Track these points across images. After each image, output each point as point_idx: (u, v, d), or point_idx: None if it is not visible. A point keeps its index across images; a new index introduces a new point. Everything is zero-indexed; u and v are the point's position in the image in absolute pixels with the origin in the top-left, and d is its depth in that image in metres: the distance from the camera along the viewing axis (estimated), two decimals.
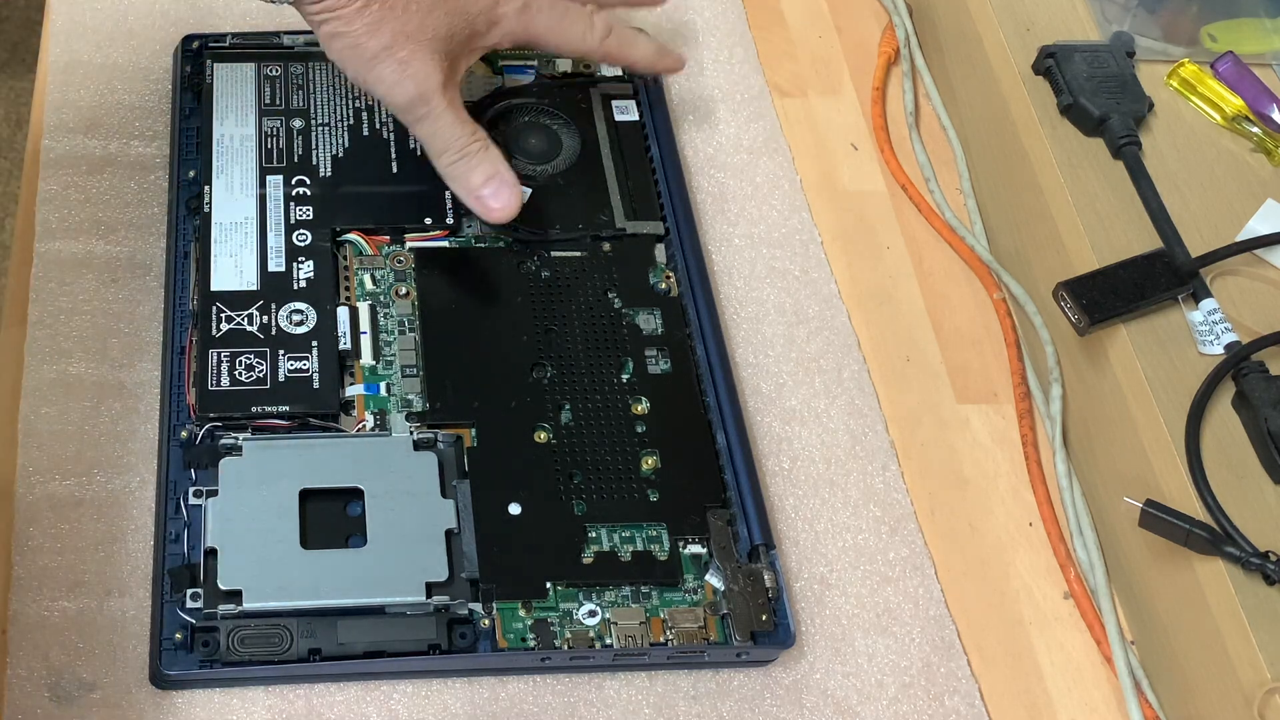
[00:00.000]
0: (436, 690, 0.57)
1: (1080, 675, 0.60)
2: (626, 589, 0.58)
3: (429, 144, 0.64)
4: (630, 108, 0.73)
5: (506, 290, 0.66)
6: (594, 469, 0.61)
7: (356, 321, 0.64)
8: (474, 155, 0.63)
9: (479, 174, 0.64)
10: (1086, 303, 0.63)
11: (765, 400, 0.66)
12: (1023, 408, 0.67)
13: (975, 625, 0.61)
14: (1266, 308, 0.64)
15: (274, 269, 0.64)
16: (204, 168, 0.67)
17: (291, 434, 0.60)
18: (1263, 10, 0.75)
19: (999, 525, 0.64)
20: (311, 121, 0.69)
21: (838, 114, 0.77)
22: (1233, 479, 0.58)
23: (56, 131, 0.70)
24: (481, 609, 0.57)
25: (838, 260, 0.72)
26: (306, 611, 0.55)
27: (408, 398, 0.62)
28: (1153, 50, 0.74)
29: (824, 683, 0.59)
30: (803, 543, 0.62)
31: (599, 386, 0.63)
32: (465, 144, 0.63)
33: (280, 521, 0.57)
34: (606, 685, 0.57)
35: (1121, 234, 0.66)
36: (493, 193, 0.64)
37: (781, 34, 0.81)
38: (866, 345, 0.69)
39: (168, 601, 0.55)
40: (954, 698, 0.59)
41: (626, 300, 0.66)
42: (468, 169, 0.64)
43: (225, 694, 0.55)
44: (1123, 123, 0.69)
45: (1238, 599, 0.55)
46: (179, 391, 0.61)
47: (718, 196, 0.73)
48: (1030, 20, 0.74)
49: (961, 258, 0.72)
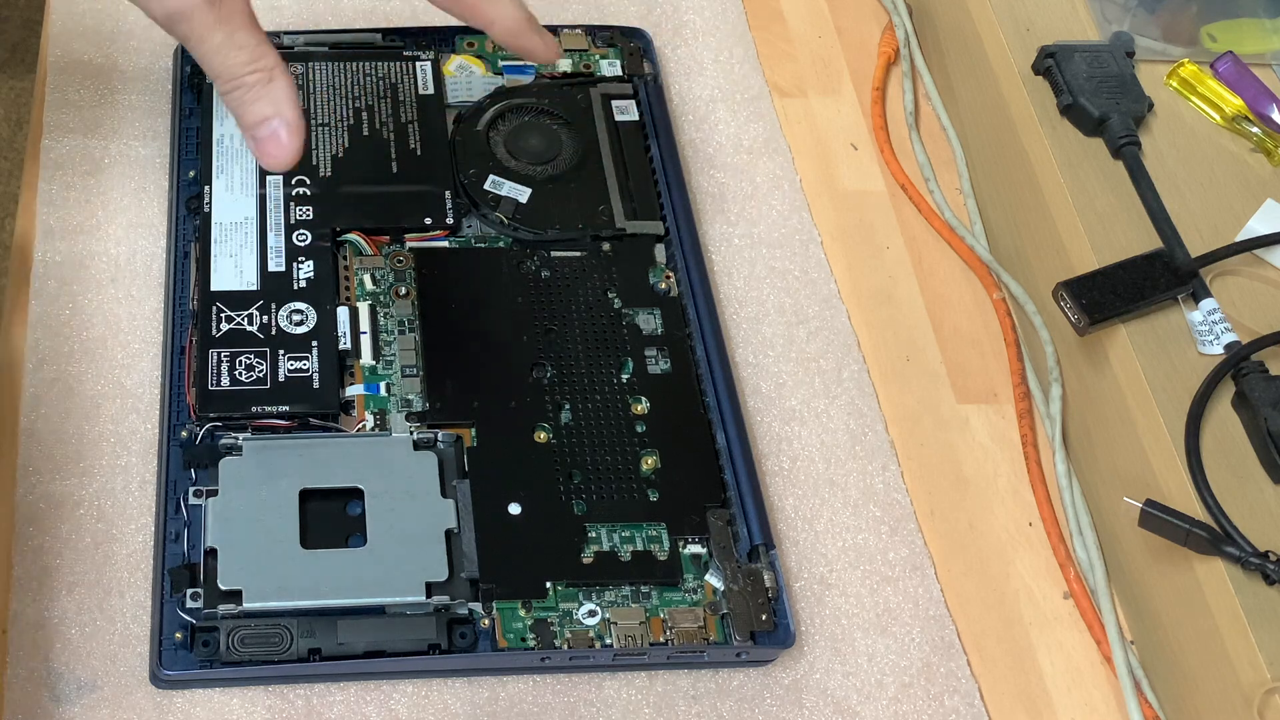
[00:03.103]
0: (436, 690, 0.57)
1: (1080, 675, 0.61)
2: (626, 589, 0.58)
3: (206, 68, 0.55)
4: (630, 108, 0.73)
5: (506, 290, 0.66)
6: (594, 469, 0.61)
7: (356, 321, 0.64)
8: (249, 88, 0.54)
9: (252, 111, 0.54)
10: (1086, 303, 0.63)
11: (765, 400, 0.66)
12: (1022, 408, 0.67)
13: (975, 625, 0.61)
14: (1266, 308, 0.64)
15: (274, 269, 0.64)
16: (204, 168, 0.67)
17: (291, 434, 0.60)
18: (1263, 10, 0.75)
19: (999, 525, 0.64)
20: (311, 121, 0.69)
21: (837, 114, 0.77)
22: (1233, 479, 0.58)
23: (56, 131, 0.70)
24: (481, 609, 0.57)
25: (837, 260, 0.72)
26: (306, 611, 0.55)
27: (408, 398, 0.62)
28: (1152, 50, 0.74)
29: (824, 682, 0.59)
30: (803, 543, 0.62)
31: (599, 386, 0.63)
32: (239, 73, 0.54)
33: (280, 521, 0.57)
34: (606, 685, 0.57)
35: (1121, 234, 0.66)
36: (268, 135, 0.54)
37: (781, 34, 0.81)
38: (866, 345, 0.69)
39: (168, 601, 0.55)
40: (954, 698, 0.59)
41: (626, 300, 0.66)
42: (238, 102, 0.54)
43: (225, 694, 0.55)
44: (1122, 123, 0.69)
45: (1237, 599, 0.55)
46: (179, 391, 0.61)
47: (717, 196, 0.73)
48: (1030, 20, 0.74)
49: (961, 258, 0.72)
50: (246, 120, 0.55)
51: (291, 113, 0.54)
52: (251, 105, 0.54)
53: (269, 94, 0.54)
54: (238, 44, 0.54)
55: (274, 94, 0.54)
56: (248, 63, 0.54)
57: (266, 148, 0.55)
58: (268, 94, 0.54)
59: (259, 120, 0.54)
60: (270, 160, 0.55)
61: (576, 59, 0.75)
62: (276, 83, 0.54)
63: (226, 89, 0.54)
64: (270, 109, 0.54)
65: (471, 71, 0.73)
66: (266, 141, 0.54)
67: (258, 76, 0.54)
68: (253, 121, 0.54)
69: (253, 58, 0.54)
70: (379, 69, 0.71)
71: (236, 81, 0.54)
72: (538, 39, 0.61)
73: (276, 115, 0.54)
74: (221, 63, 0.54)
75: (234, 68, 0.54)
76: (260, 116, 0.54)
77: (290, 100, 0.54)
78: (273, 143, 0.54)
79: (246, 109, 0.54)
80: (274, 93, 0.54)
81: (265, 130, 0.54)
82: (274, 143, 0.54)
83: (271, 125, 0.54)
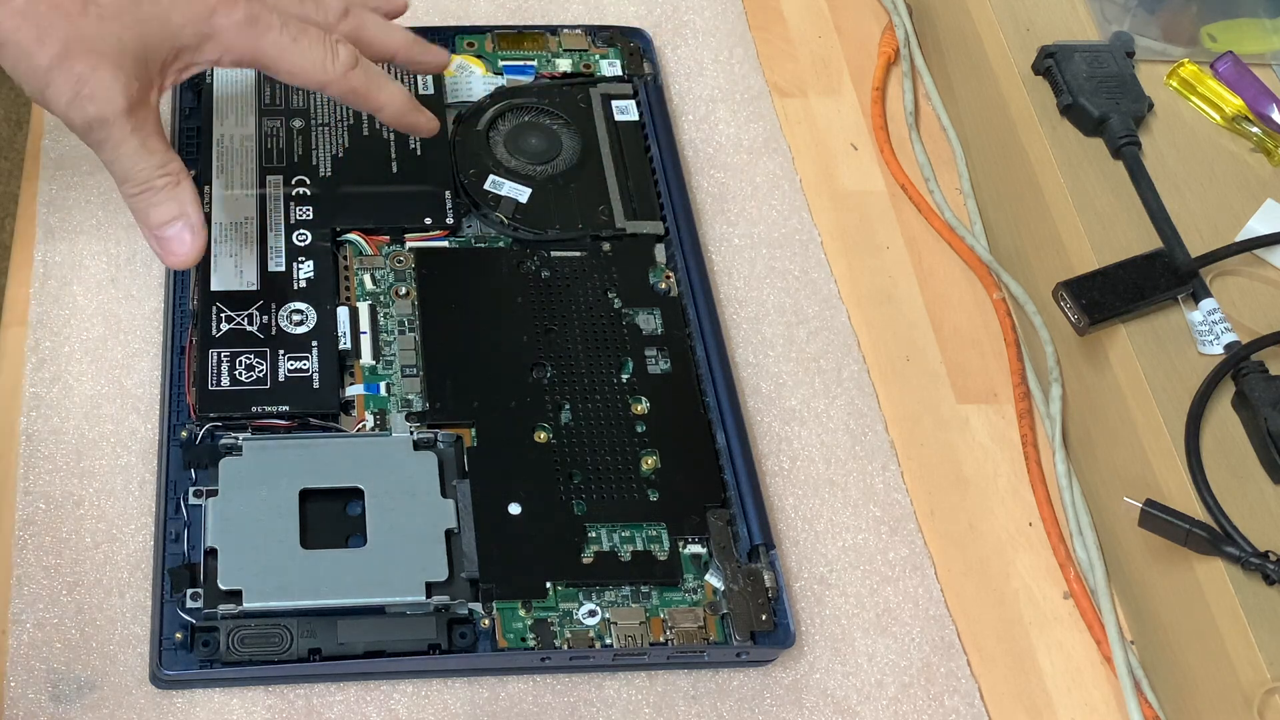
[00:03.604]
0: (436, 690, 0.57)
1: (1080, 675, 0.61)
2: (626, 589, 0.58)
3: (110, 170, 0.56)
4: (630, 108, 0.73)
5: (506, 290, 0.66)
6: (594, 469, 0.61)
7: (356, 321, 0.64)
8: (157, 191, 0.56)
9: (158, 213, 0.56)
10: (1086, 303, 0.63)
11: (765, 400, 0.66)
12: (1022, 408, 0.67)
13: (975, 625, 0.61)
14: (1266, 308, 0.64)
15: (274, 269, 0.64)
16: (204, 168, 0.67)
17: (291, 434, 0.60)
18: (1263, 10, 0.75)
19: (999, 525, 0.64)
20: (311, 121, 0.69)
21: (837, 114, 0.77)
22: (1233, 479, 0.58)
23: (56, 131, 0.70)
24: (481, 609, 0.57)
25: (837, 260, 0.72)
26: (306, 611, 0.55)
27: (408, 398, 0.62)
28: (1152, 50, 0.74)
29: (824, 682, 0.59)
30: (803, 543, 0.62)
31: (599, 386, 0.63)
32: (149, 177, 0.56)
33: (280, 521, 0.57)
34: (606, 685, 0.57)
35: (1121, 234, 0.66)
36: (174, 235, 0.56)
37: (781, 34, 0.81)
38: (866, 345, 0.69)
39: (168, 601, 0.55)
40: (954, 698, 0.59)
41: (626, 300, 0.66)
42: (146, 205, 0.56)
43: (225, 694, 0.55)
44: (1122, 123, 0.69)
45: (1237, 599, 0.55)
46: (179, 391, 0.61)
47: (717, 196, 0.73)
48: (1030, 20, 0.74)
49: (961, 258, 0.72)
50: (152, 221, 0.56)
51: (196, 214, 0.57)
52: (158, 208, 0.56)
53: (175, 196, 0.56)
54: (150, 149, 0.55)
55: (179, 196, 0.56)
56: (158, 167, 0.56)
57: (171, 246, 0.57)
58: (174, 197, 0.56)
59: (164, 221, 0.56)
60: (174, 259, 0.57)
61: (576, 59, 0.75)
62: (182, 186, 0.56)
63: (135, 192, 0.56)
64: (176, 210, 0.56)
65: (471, 71, 0.73)
66: (171, 241, 0.56)
67: (165, 180, 0.56)
68: (158, 223, 0.56)
69: (162, 163, 0.56)
70: None
71: (145, 185, 0.56)
72: (423, 119, 0.63)
73: (181, 216, 0.56)
74: (133, 167, 0.55)
75: (144, 172, 0.56)
76: (167, 218, 0.56)
77: (194, 202, 0.57)
78: (177, 242, 0.57)
79: (152, 211, 0.56)
80: (179, 195, 0.56)
81: (170, 230, 0.56)
82: (178, 242, 0.57)
83: (175, 226, 0.56)
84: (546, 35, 0.76)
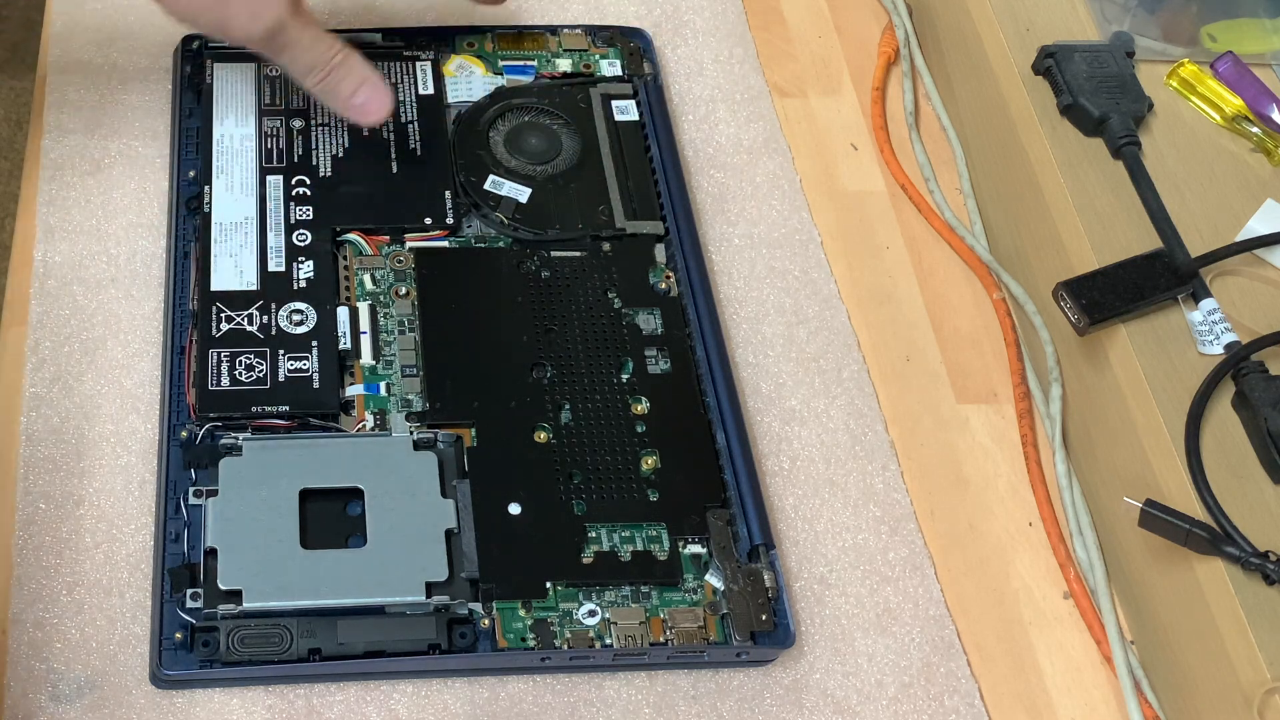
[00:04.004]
0: (436, 690, 0.57)
1: (1080, 675, 0.61)
2: (626, 589, 0.58)
3: (294, 68, 0.64)
4: (630, 108, 0.73)
5: (506, 290, 0.66)
6: (594, 469, 0.61)
7: (356, 321, 0.64)
8: (338, 68, 0.64)
9: (347, 85, 0.64)
10: (1086, 303, 0.63)
11: (765, 400, 0.66)
12: (1022, 408, 0.67)
13: (975, 625, 0.61)
14: (1266, 308, 0.64)
15: (274, 269, 0.64)
16: (204, 168, 0.67)
17: (291, 434, 0.60)
18: (1263, 10, 0.75)
19: (999, 525, 0.64)
20: (311, 121, 0.69)
21: (837, 114, 0.77)
22: (1233, 479, 0.58)
23: (56, 131, 0.70)
24: (481, 609, 0.57)
25: (837, 260, 0.72)
26: (306, 611, 0.55)
27: (408, 398, 0.62)
28: (1152, 50, 0.74)
29: (824, 682, 0.59)
30: (803, 543, 0.62)
31: (599, 386, 0.63)
32: (329, 59, 0.64)
33: (280, 521, 0.57)
34: (606, 685, 0.57)
35: (1121, 234, 0.66)
36: (366, 98, 0.65)
37: (781, 34, 0.81)
38: (866, 345, 0.69)
39: (168, 601, 0.55)
40: (954, 698, 0.59)
41: (626, 300, 0.66)
42: (335, 83, 0.64)
43: (225, 694, 0.55)
44: (1122, 123, 0.69)
45: (1237, 599, 0.55)
46: (179, 391, 0.61)
47: (717, 196, 0.73)
48: (1030, 20, 0.74)
49: (961, 258, 0.72)
50: (344, 93, 0.64)
51: (374, 74, 0.65)
52: (344, 81, 0.64)
53: (352, 68, 0.64)
54: (320, 37, 0.63)
55: (355, 66, 0.64)
56: (330, 48, 0.64)
57: (369, 109, 0.65)
58: (352, 69, 0.64)
59: (354, 90, 0.64)
60: (374, 118, 0.65)
61: (576, 59, 0.75)
62: (353, 56, 0.64)
63: (322, 76, 0.64)
64: (359, 77, 0.64)
65: (471, 71, 0.73)
66: (367, 104, 0.65)
67: (340, 57, 0.64)
68: (349, 93, 0.64)
69: (331, 43, 0.64)
70: (379, 69, 0.71)
71: (329, 66, 0.64)
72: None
73: (364, 80, 0.64)
74: (316, 56, 0.63)
75: (323, 55, 0.63)
76: (354, 86, 0.64)
77: (366, 64, 0.65)
78: (373, 103, 0.65)
79: (342, 85, 0.64)
80: (354, 65, 0.64)
81: (359, 98, 0.64)
82: (374, 102, 0.65)
83: (364, 92, 0.64)
84: (546, 35, 0.76)
